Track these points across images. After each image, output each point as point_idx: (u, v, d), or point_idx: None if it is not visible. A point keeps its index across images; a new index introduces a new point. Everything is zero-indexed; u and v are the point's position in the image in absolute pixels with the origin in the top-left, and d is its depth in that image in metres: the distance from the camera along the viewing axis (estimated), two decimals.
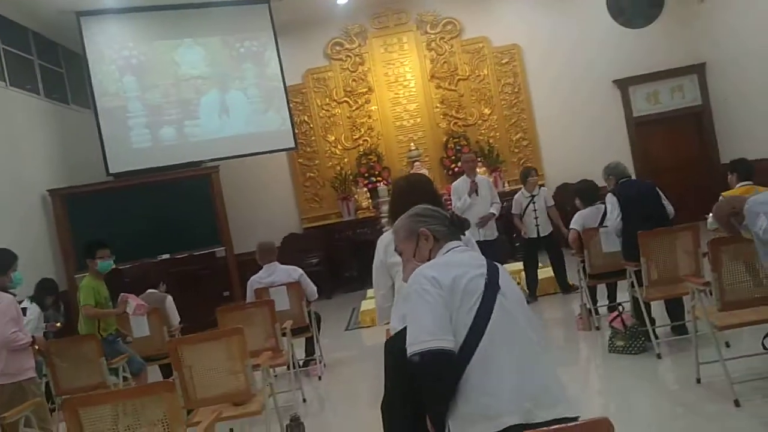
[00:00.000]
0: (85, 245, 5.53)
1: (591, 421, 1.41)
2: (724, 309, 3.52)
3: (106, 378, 4.68)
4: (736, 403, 3.44)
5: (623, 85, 10.69)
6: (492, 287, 1.91)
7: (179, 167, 9.01)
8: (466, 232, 2.42)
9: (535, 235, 7.25)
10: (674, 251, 4.48)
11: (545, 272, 7.45)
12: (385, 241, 2.85)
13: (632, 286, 4.75)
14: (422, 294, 1.90)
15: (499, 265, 2.03)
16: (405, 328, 2.08)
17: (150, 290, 6.01)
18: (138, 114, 8.96)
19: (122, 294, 5.30)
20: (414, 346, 1.84)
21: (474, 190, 6.92)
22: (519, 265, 8.51)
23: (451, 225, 2.20)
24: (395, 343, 2.23)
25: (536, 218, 7.23)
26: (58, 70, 9.17)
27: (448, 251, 2.11)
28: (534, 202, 7.26)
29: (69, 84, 9.36)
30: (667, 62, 10.55)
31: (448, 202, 7.45)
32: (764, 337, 3.16)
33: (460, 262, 2.01)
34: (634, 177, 6.43)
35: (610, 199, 4.92)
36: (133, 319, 5.39)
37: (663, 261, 4.43)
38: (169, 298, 6.07)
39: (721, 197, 5.23)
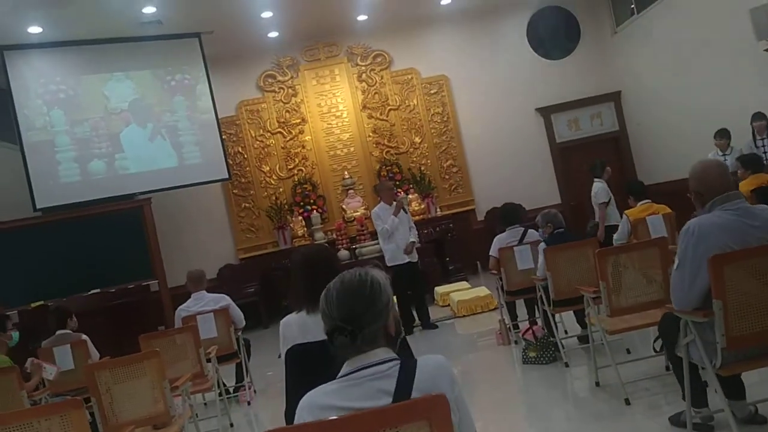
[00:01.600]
0: None
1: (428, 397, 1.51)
2: (613, 315, 3.81)
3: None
4: (627, 402, 3.73)
5: (546, 112, 11.23)
6: None
7: (110, 200, 8.96)
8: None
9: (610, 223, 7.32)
10: (577, 265, 4.77)
11: None
12: (289, 321, 2.60)
13: (541, 300, 5.03)
14: None
15: (421, 367, 1.61)
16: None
17: (60, 331, 5.51)
18: (66, 148, 8.89)
19: (31, 359, 4.99)
20: None
21: (401, 208, 7.15)
22: (456, 286, 8.80)
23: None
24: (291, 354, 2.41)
25: None
26: None
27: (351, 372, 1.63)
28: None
29: None
30: (585, 91, 11.17)
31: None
32: (654, 341, 3.44)
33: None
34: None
35: (542, 248, 5.04)
36: (57, 350, 5.30)
37: (566, 275, 4.71)
38: (84, 337, 5.82)
39: (624, 215, 5.65)
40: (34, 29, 8.28)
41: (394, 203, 7.21)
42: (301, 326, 2.51)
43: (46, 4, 7.63)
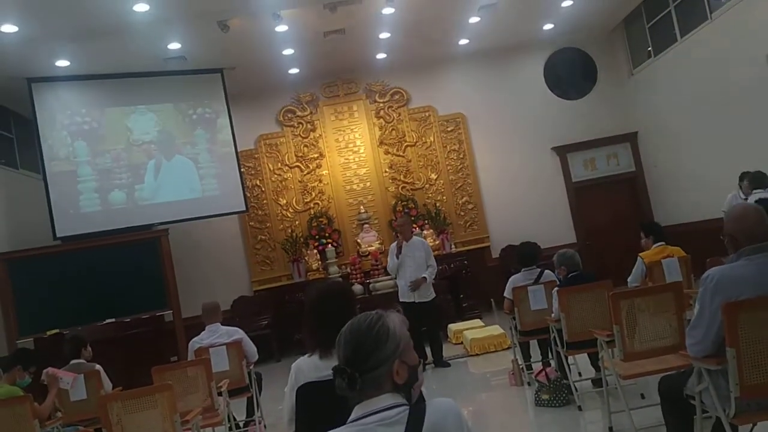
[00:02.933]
0: (22, 353, 5.38)
1: None
2: (627, 359, 3.77)
3: None
4: None
5: (562, 152, 11.27)
6: None
7: (129, 230, 9.08)
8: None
9: None
10: (591, 307, 4.74)
11: None
12: (301, 366, 2.55)
13: (554, 341, 5.00)
14: None
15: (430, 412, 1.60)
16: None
17: (74, 361, 5.53)
18: (88, 178, 9.06)
19: (46, 370, 5.01)
20: None
21: (399, 247, 7.20)
22: (470, 324, 8.75)
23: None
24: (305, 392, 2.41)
25: None
26: (7, 135, 9.29)
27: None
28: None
29: (19, 149, 9.46)
30: (602, 131, 11.21)
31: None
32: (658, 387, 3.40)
33: None
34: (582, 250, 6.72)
35: (557, 289, 5.01)
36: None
37: (580, 317, 4.68)
38: (98, 367, 5.86)
39: (638, 258, 5.62)
40: (62, 62, 8.52)
41: (412, 237, 7.31)
42: (312, 372, 2.43)
43: (75, 39, 7.86)
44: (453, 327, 8.84)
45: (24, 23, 7.17)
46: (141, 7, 7.24)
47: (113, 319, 8.68)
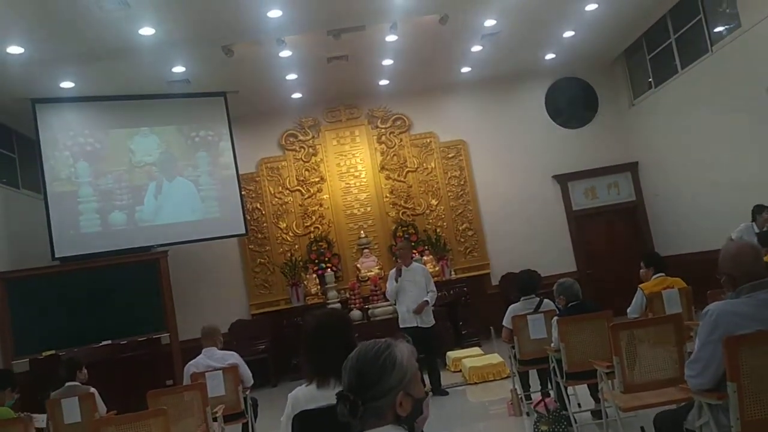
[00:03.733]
0: (5, 375, 5.33)
1: None
2: (627, 391, 3.73)
3: None
4: None
5: (562, 180, 11.30)
6: None
7: (128, 252, 9.06)
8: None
9: None
10: (591, 338, 4.70)
11: None
12: (298, 396, 2.50)
13: (554, 372, 4.95)
14: None
15: None
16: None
17: (70, 383, 5.51)
18: (89, 199, 9.07)
19: (24, 414, 4.95)
20: None
21: (398, 272, 7.18)
22: (468, 352, 8.69)
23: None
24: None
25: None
26: (10, 155, 9.32)
27: None
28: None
29: (21, 169, 9.48)
30: (602, 160, 11.25)
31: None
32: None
33: None
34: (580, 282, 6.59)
35: (556, 319, 4.97)
36: (65, 402, 5.28)
37: (580, 347, 4.65)
38: (93, 390, 5.80)
39: (639, 289, 5.59)
40: (67, 84, 8.58)
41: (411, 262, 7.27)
42: (309, 402, 2.39)
43: (80, 61, 7.92)
44: (452, 355, 8.77)
45: (30, 45, 7.23)
46: (147, 31, 7.31)
47: (109, 341, 8.61)
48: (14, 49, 7.24)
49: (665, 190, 10.52)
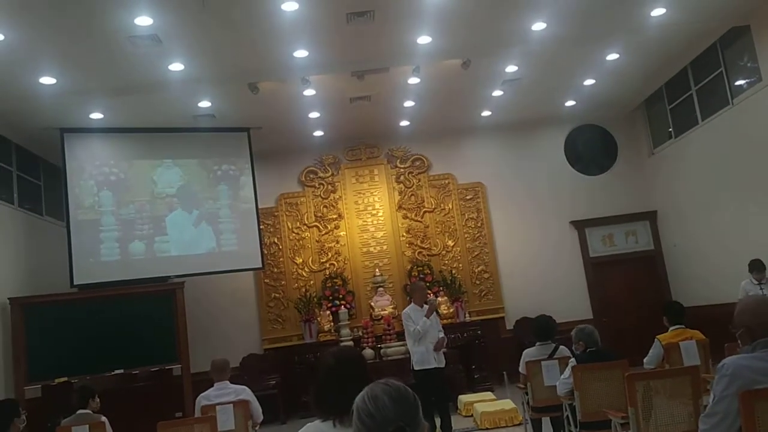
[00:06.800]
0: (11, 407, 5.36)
1: None
2: None
3: None
4: None
5: (580, 226, 11.27)
6: None
7: (145, 281, 9.14)
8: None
9: None
10: (607, 387, 4.64)
11: None
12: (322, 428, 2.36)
13: (567, 420, 4.88)
14: None
15: None
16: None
17: (81, 411, 5.41)
18: (110, 228, 9.20)
19: None
20: None
21: (434, 309, 7.05)
22: (481, 396, 8.59)
23: None
24: None
25: None
26: (36, 182, 9.52)
27: None
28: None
29: (45, 196, 9.67)
30: (621, 208, 11.23)
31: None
32: None
33: None
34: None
35: (572, 364, 4.91)
36: (75, 430, 5.28)
37: (595, 396, 4.58)
38: (103, 418, 5.77)
39: (656, 340, 5.52)
40: (96, 115, 8.81)
41: (426, 305, 7.15)
42: None
43: (110, 94, 8.15)
44: (464, 398, 8.66)
45: (63, 76, 7.46)
46: (176, 67, 7.52)
47: (122, 370, 8.64)
48: (47, 80, 7.47)
49: (684, 240, 10.45)
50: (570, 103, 10.77)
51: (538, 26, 7.58)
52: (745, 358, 2.71)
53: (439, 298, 10.35)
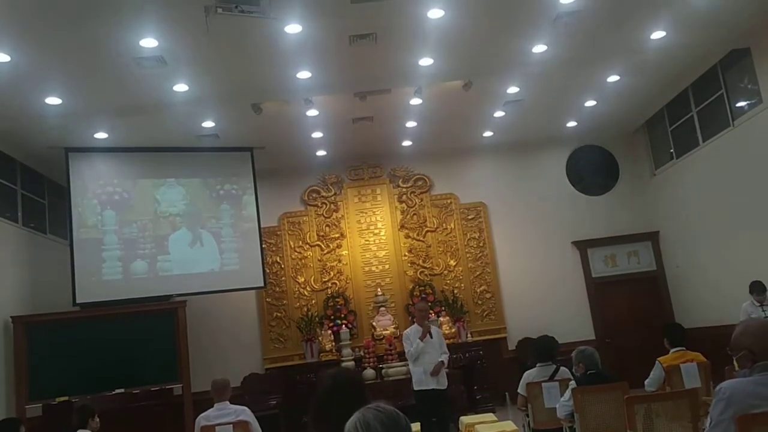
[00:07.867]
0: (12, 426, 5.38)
1: None
2: None
3: None
4: None
5: (582, 246, 11.27)
6: None
7: (147, 300, 9.15)
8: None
9: None
10: (607, 409, 4.62)
11: None
12: None
13: None
14: None
15: None
16: None
17: (81, 431, 5.41)
18: (113, 247, 9.23)
19: None
20: None
21: (427, 332, 7.05)
22: (482, 417, 8.50)
23: None
24: None
25: None
26: (40, 201, 9.57)
27: None
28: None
29: (49, 215, 9.71)
30: (623, 228, 11.24)
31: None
32: None
33: None
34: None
35: (572, 386, 4.93)
36: None
37: (595, 418, 4.56)
38: None
39: (657, 362, 5.51)
40: (100, 135, 8.89)
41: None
42: None
43: (115, 114, 8.24)
44: (465, 420, 8.50)
45: (68, 96, 7.54)
46: (181, 87, 7.60)
47: (122, 390, 8.62)
48: (53, 100, 7.55)
49: (686, 261, 10.44)
50: (571, 123, 10.83)
51: (539, 48, 7.65)
52: (743, 382, 2.70)
53: (441, 318, 10.34)
